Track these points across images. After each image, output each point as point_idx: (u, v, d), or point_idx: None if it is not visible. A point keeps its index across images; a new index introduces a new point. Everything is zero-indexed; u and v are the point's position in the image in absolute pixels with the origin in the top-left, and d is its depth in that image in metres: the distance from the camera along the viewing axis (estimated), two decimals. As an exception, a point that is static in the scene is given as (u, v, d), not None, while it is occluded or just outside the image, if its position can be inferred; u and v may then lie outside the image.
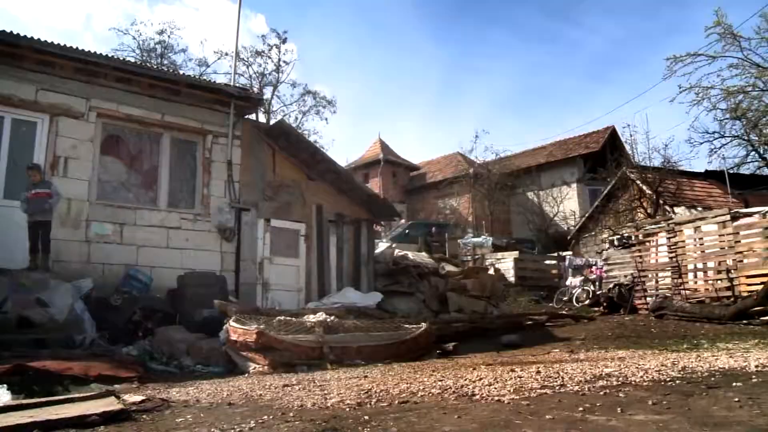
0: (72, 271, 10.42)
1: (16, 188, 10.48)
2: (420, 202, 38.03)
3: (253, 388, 5.91)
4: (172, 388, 6.26)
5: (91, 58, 11.42)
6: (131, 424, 4.24)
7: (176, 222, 11.78)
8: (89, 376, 6.76)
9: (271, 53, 32.69)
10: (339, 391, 5.38)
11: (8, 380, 5.87)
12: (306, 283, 13.42)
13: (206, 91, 12.59)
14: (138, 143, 12.20)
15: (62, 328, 8.82)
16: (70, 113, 11.08)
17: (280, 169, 13.54)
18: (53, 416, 4.28)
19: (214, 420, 4.25)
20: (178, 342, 8.89)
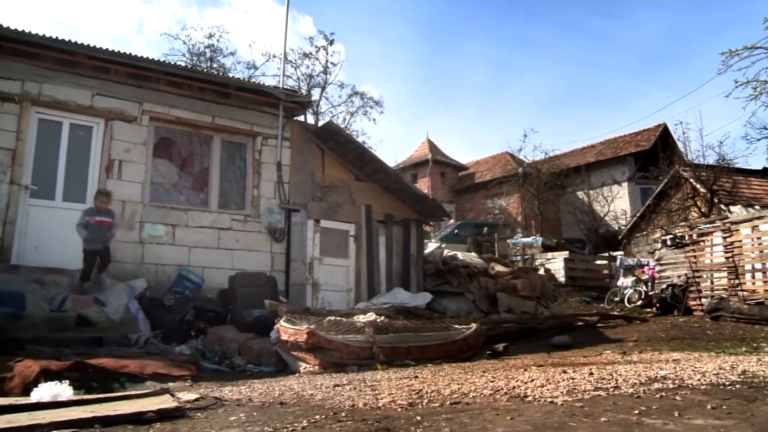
0: (126, 272, 10.67)
1: (74, 191, 10.81)
2: (469, 201, 37.84)
3: (304, 388, 5.93)
4: (225, 387, 6.33)
5: (144, 63, 11.64)
6: (186, 422, 4.30)
7: (227, 223, 11.93)
8: (144, 374, 6.87)
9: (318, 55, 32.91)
10: (390, 392, 5.37)
11: (69, 376, 6.01)
12: (355, 283, 13.45)
13: (255, 94, 12.71)
14: (189, 146, 12.39)
15: (118, 327, 9.01)
16: (124, 117, 11.32)
17: (329, 170, 13.61)
18: (112, 412, 4.38)
19: (267, 419, 4.28)
20: (229, 341, 8.99)
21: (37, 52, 10.60)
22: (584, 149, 35.79)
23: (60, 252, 10.35)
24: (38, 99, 10.65)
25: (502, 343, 9.92)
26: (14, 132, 10.37)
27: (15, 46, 10.41)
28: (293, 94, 13.67)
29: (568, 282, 21.69)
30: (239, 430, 3.96)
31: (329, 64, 33.25)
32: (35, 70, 10.67)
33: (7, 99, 10.35)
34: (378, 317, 9.27)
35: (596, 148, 34.98)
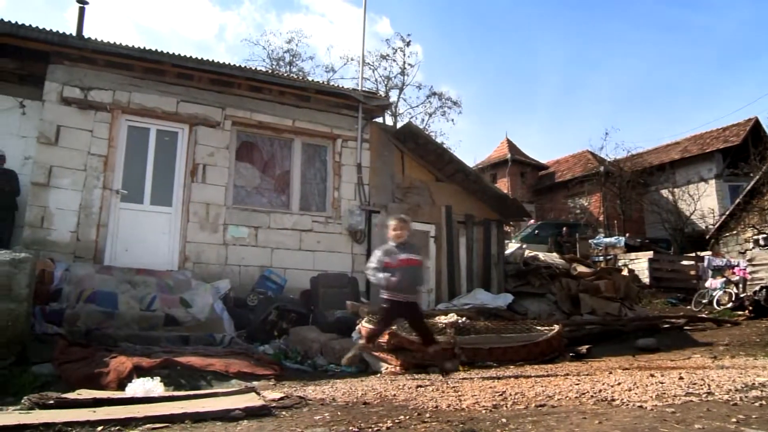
0: (211, 273, 10.95)
1: (161, 195, 11.19)
2: (549, 201, 37.22)
3: (386, 388, 5.91)
4: (308, 387, 6.38)
5: (226, 69, 11.95)
6: (271, 420, 4.35)
7: (308, 225, 12.09)
8: (229, 372, 7.01)
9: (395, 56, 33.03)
10: (473, 393, 5.31)
11: (159, 373, 6.23)
12: (436, 284, 13.41)
13: (335, 96, 12.84)
14: (270, 149, 12.62)
15: (204, 326, 9.24)
16: (208, 122, 11.64)
17: (409, 171, 13.63)
18: (201, 409, 4.48)
19: (352, 419, 4.29)
20: (311, 342, 9.09)
21: (127, 63, 11.06)
22: (668, 146, 34.68)
23: (148, 253, 10.77)
24: (128, 107, 11.07)
25: (585, 345, 9.72)
26: (106, 139, 10.82)
27: (107, 58, 10.89)
28: (372, 96, 13.75)
29: (653, 283, 21.08)
30: (324, 429, 3.97)
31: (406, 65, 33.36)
32: (125, 79, 11.12)
33: (99, 108, 10.82)
34: (459, 318, 9.22)
35: (681, 144, 33.82)
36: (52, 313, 8.41)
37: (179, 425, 4.12)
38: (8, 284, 7.03)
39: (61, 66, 10.74)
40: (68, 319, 8.42)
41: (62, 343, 7.24)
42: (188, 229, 11.13)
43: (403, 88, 33.51)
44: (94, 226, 10.50)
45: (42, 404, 4.70)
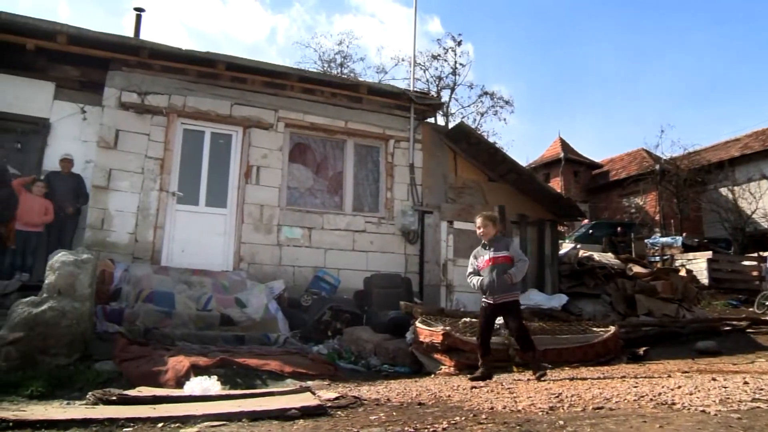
0: (265, 273, 11.07)
1: (215, 197, 11.37)
2: (603, 200, 36.60)
3: (441, 389, 5.89)
4: (362, 387, 6.40)
5: (279, 69, 12.09)
6: (327, 420, 4.37)
7: (361, 225, 12.13)
8: (284, 372, 7.08)
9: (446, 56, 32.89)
10: (528, 395, 5.24)
11: (215, 372, 6.33)
12: (490, 284, 13.31)
13: (386, 97, 12.86)
14: (323, 150, 12.69)
15: (258, 326, 9.34)
16: (261, 124, 11.77)
17: (461, 171, 13.55)
18: (258, 407, 4.53)
19: (407, 419, 4.28)
20: (365, 342, 9.11)
21: (182, 67, 11.29)
22: (728, 143, 33.69)
23: (203, 254, 10.95)
24: (183, 110, 11.29)
25: (641, 347, 9.52)
26: (162, 142, 11.05)
27: (162, 62, 11.14)
28: (424, 96, 13.73)
29: (712, 284, 20.49)
30: (380, 430, 3.96)
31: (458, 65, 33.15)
32: (180, 83, 11.34)
33: (156, 112, 11.06)
34: (513, 319, 9.12)
35: (741, 141, 32.80)
36: (112, 313, 8.63)
37: (236, 423, 4.17)
38: (72, 284, 7.24)
39: (120, 72, 11.03)
40: (128, 318, 8.62)
41: (122, 341, 7.42)
42: (243, 230, 11.28)
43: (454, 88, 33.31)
44: (151, 227, 10.73)
45: (105, 400, 4.83)
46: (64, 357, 6.89)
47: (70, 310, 7.06)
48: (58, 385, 6.18)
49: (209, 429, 3.98)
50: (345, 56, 32.94)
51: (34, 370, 6.47)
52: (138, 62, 11.03)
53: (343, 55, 32.92)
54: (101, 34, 10.80)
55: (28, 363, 6.63)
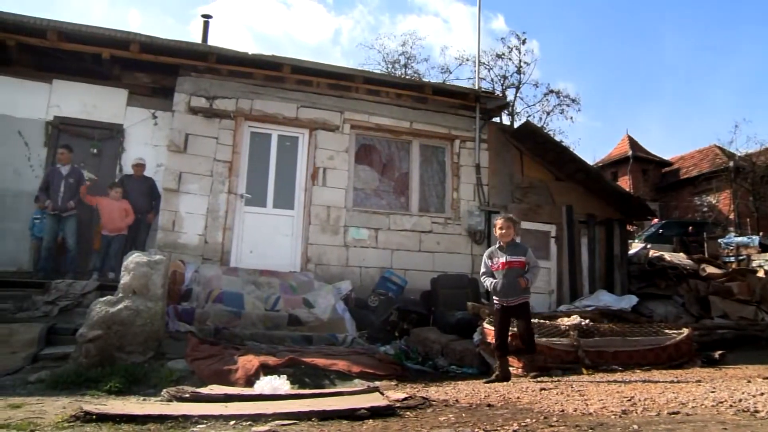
0: (332, 274, 11.15)
1: (282, 199, 11.53)
2: (673, 199, 35.64)
3: (509, 390, 5.82)
4: (430, 388, 6.38)
5: (344, 71, 12.20)
6: (396, 420, 4.36)
7: (428, 226, 12.08)
8: (352, 372, 7.11)
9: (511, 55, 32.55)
10: (599, 397, 5.12)
11: (284, 371, 6.41)
12: (557, 285, 13.11)
13: (452, 97, 12.79)
14: (388, 151, 12.71)
15: (326, 326, 9.38)
16: (327, 126, 11.86)
17: (528, 171, 13.38)
18: (327, 407, 4.56)
19: (476, 420, 4.23)
20: (432, 342, 9.07)
21: (249, 71, 11.48)
22: (808, 137, 32.42)
23: (271, 255, 11.11)
24: (250, 114, 11.48)
25: (717, 351, 9.21)
26: (230, 145, 11.25)
27: (229, 67, 11.36)
28: (489, 95, 13.61)
29: (793, 286, 19.70)
30: (450, 431, 3.93)
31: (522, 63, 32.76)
32: (247, 87, 11.53)
33: (224, 116, 11.27)
34: (582, 320, 8.96)
35: (823, 135, 31.50)
36: (183, 312, 8.82)
37: (306, 423, 4.20)
38: (146, 284, 7.43)
39: (189, 77, 11.29)
40: (198, 318, 8.80)
41: (193, 340, 7.57)
42: (310, 231, 11.38)
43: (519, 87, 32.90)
44: (220, 229, 10.93)
45: (179, 397, 4.95)
46: (138, 355, 7.07)
47: (144, 309, 7.25)
48: (134, 382, 6.38)
49: (280, 427, 4.02)
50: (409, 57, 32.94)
51: (112, 366, 6.68)
52: (206, 67, 11.28)
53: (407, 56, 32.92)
54: (171, 41, 11.10)
55: (106, 360, 6.84)
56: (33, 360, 7.26)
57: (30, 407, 4.99)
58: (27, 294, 9.29)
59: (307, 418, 4.27)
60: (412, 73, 31.45)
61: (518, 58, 32.48)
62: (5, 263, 10.68)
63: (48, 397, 5.64)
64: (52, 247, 10.36)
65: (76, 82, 11.60)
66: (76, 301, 9.17)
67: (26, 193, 10.82)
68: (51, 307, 8.97)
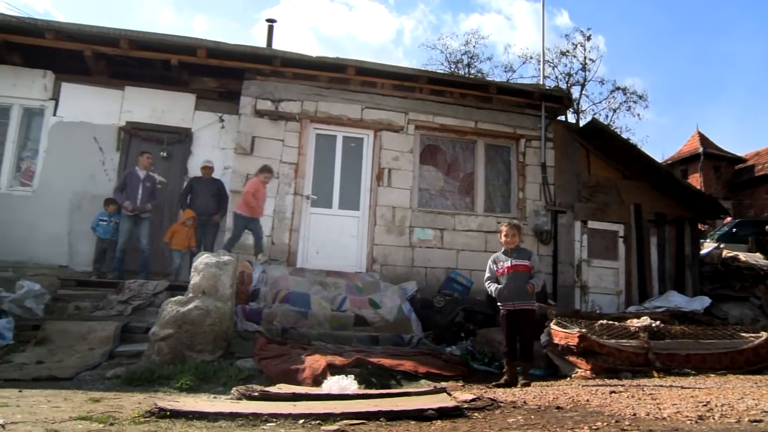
0: (398, 275, 11.15)
1: (348, 200, 11.62)
2: (748, 197, 34.40)
3: (578, 393, 5.70)
4: (497, 389, 6.32)
5: (407, 71, 12.20)
6: (464, 421, 4.31)
7: (493, 226, 11.92)
8: (418, 372, 7.09)
9: (576, 52, 32.06)
10: (673, 402, 4.95)
11: (351, 371, 6.42)
12: (626, 285, 12.82)
13: (516, 96, 12.64)
14: (453, 151, 12.65)
15: (392, 327, 9.40)
16: (391, 127, 11.89)
17: (595, 170, 13.13)
18: (395, 407, 4.54)
19: (546, 423, 4.15)
20: (498, 343, 8.92)
21: (313, 74, 11.62)
22: None
23: (337, 256, 11.20)
24: (315, 116, 11.60)
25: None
26: (296, 147, 11.39)
27: (294, 70, 11.51)
28: (556, 92, 13.41)
29: None
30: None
31: (587, 60, 32.23)
32: (312, 89, 11.65)
33: (289, 118, 11.42)
34: (652, 321, 8.72)
35: None
36: (251, 312, 8.95)
37: (374, 422, 4.19)
38: (215, 285, 7.58)
39: (254, 81, 11.48)
40: (266, 317, 8.92)
41: (261, 340, 7.67)
42: (375, 231, 11.42)
43: (584, 84, 32.43)
44: (287, 230, 11.07)
45: (248, 396, 5.02)
46: (208, 353, 7.22)
47: (214, 309, 7.39)
48: (204, 380, 6.52)
49: (349, 427, 4.02)
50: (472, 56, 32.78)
51: (182, 364, 6.86)
52: (271, 71, 11.45)
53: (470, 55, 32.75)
54: (237, 45, 11.31)
55: (177, 358, 7.02)
56: (109, 356, 7.56)
57: (108, 401, 5.17)
58: (102, 293, 9.66)
59: (376, 418, 4.27)
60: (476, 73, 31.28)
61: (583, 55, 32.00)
62: (81, 264, 11.10)
63: (124, 393, 5.85)
64: (126, 248, 10.69)
65: (147, 88, 11.96)
66: (148, 301, 9.48)
67: (100, 196, 11.18)
68: (125, 306, 9.27)
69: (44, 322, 8.51)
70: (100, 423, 4.12)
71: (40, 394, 5.54)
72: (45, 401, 5.13)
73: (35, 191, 11.43)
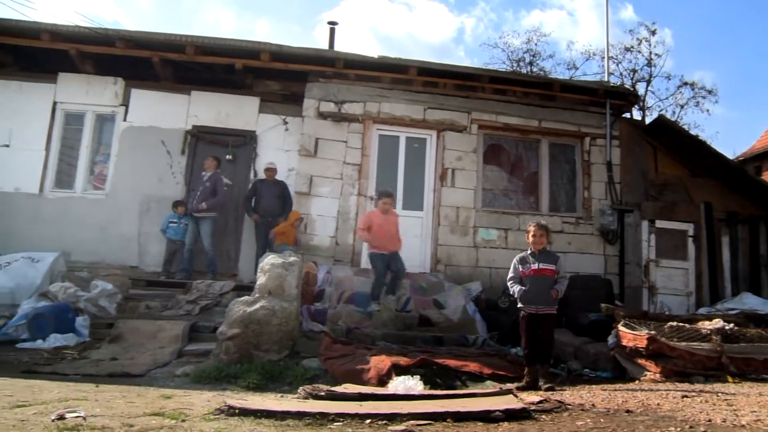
0: (462, 275, 11.10)
1: (412, 200, 11.65)
2: (831, 194, 32.99)
3: (648, 396, 5.56)
4: (564, 391, 6.22)
5: (470, 71, 12.18)
6: (532, 423, 4.27)
7: (558, 226, 11.76)
8: (483, 373, 7.03)
9: (641, 47, 31.25)
10: (751, 409, 4.76)
11: (416, 371, 6.41)
12: (696, 286, 12.45)
13: (580, 93, 12.44)
14: (516, 151, 12.54)
15: (456, 327, 9.36)
16: (454, 127, 11.84)
17: (662, 167, 12.80)
18: (462, 408, 4.51)
19: (615, 426, 4.06)
20: (564, 345, 8.82)
21: (375, 75, 11.71)
22: None
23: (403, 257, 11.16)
24: (378, 117, 11.66)
25: None
26: (359, 148, 11.48)
27: (356, 71, 11.61)
28: (619, 90, 13.13)
29: None
30: (589, 436, 3.82)
31: (653, 55, 31.38)
32: (374, 90, 11.73)
33: (352, 120, 11.51)
34: (725, 324, 8.43)
35: None
36: (316, 312, 9.05)
37: (441, 423, 4.18)
38: (281, 285, 7.69)
39: (317, 83, 11.61)
40: (331, 318, 9.01)
41: (327, 340, 7.73)
42: (439, 232, 11.40)
43: (650, 80, 31.44)
44: (350, 231, 11.15)
45: (315, 395, 5.07)
46: (274, 353, 7.33)
47: (279, 309, 7.49)
48: (270, 379, 6.62)
49: (415, 427, 4.02)
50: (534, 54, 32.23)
51: (249, 363, 6.98)
52: (334, 73, 11.57)
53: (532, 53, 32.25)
54: (299, 48, 11.47)
55: (244, 357, 7.15)
56: (178, 355, 7.76)
57: (179, 399, 5.30)
58: (171, 293, 9.92)
59: (442, 419, 4.25)
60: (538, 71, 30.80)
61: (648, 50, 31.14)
62: (151, 264, 11.40)
63: (193, 390, 5.99)
64: (194, 249, 10.95)
65: (212, 92, 12.20)
66: (215, 301, 9.68)
67: (168, 198, 11.49)
68: (193, 306, 9.49)
69: (117, 321, 8.81)
70: (173, 419, 4.22)
71: (115, 390, 5.73)
72: (120, 396, 5.29)
73: (107, 194, 11.79)
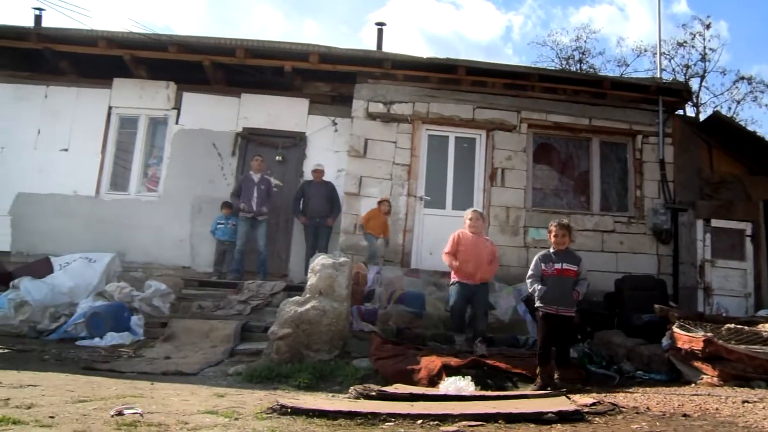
0: (512, 275, 10.96)
1: (461, 200, 11.54)
2: None
3: (706, 401, 5.46)
4: (617, 393, 6.15)
5: (518, 70, 12.09)
6: (585, 426, 4.24)
7: (610, 225, 11.62)
8: (535, 374, 6.99)
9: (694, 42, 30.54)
10: (819, 418, 4.65)
11: (466, 372, 6.41)
12: (755, 288, 12.08)
13: (632, 91, 12.20)
14: (566, 150, 12.40)
15: (506, 328, 9.36)
16: (504, 126, 11.75)
17: (718, 165, 12.49)
18: (514, 410, 4.51)
19: (672, 431, 4.01)
20: (616, 346, 8.71)
21: (424, 75, 11.69)
22: None
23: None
24: (426, 117, 11.64)
25: None
26: (408, 149, 11.49)
27: (405, 72, 11.63)
28: (675, 84, 12.88)
29: None
30: (645, 440, 3.76)
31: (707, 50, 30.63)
32: (422, 91, 11.71)
33: (402, 120, 11.53)
34: (789, 326, 8.21)
35: None
36: (366, 312, 9.09)
37: (493, 424, 4.18)
38: (331, 285, 7.75)
39: (366, 84, 11.67)
40: (381, 318, 9.05)
41: (377, 340, 7.78)
42: (489, 232, 11.27)
43: (704, 76, 30.66)
44: (400, 231, 11.17)
45: (366, 395, 5.11)
46: (325, 353, 7.40)
47: (330, 309, 7.55)
48: (321, 378, 6.71)
49: (467, 428, 4.02)
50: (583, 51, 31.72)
51: (300, 363, 7.08)
52: (382, 73, 11.60)
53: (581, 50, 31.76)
54: (347, 50, 11.55)
55: (295, 356, 7.24)
56: (230, 354, 7.90)
57: (232, 397, 5.40)
58: (223, 293, 10.09)
59: (494, 420, 4.25)
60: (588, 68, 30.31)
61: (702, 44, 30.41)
62: (202, 265, 11.64)
63: (245, 389, 6.09)
64: (244, 249, 11.10)
65: (261, 94, 12.39)
66: (266, 301, 9.81)
67: (218, 200, 11.69)
68: (244, 306, 9.63)
69: (170, 320, 9.03)
70: (226, 417, 4.30)
71: (170, 388, 5.86)
72: (174, 394, 5.41)
73: (160, 196, 12.07)
